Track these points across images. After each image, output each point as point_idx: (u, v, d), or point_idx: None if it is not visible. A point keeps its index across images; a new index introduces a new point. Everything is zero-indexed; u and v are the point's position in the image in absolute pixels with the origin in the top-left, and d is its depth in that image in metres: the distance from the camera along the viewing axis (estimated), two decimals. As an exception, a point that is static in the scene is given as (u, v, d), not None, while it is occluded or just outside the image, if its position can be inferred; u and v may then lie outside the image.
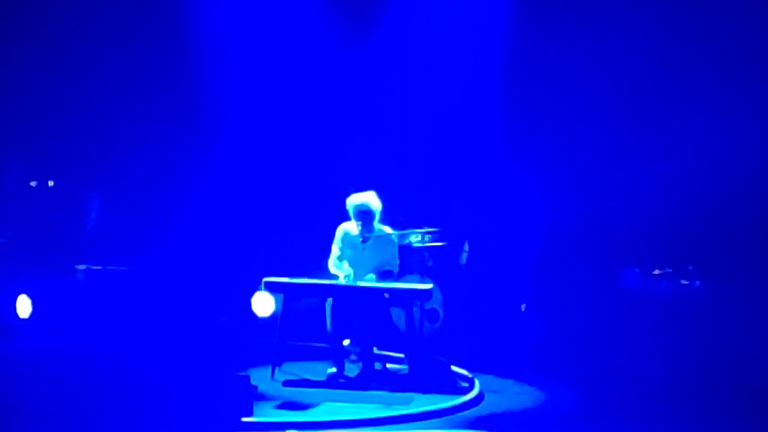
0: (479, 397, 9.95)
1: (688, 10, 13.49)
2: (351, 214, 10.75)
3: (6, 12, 13.84)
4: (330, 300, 10.71)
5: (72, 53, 14.02)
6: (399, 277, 11.17)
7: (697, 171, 13.38)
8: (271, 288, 10.85)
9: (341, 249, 10.86)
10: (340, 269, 10.79)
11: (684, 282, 13.82)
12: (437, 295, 12.33)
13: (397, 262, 10.94)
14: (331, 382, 10.51)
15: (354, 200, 10.77)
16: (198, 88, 14.32)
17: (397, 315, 11.64)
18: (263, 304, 12.21)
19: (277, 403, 9.62)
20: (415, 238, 13.16)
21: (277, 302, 11.27)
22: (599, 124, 13.87)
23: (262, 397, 9.68)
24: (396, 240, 11.09)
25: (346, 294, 10.57)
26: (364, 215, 10.69)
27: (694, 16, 13.47)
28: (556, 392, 10.26)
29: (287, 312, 10.82)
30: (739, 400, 9.68)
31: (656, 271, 13.97)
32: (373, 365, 10.74)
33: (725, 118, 13.37)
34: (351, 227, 10.87)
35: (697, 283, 13.79)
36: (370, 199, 10.77)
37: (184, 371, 9.50)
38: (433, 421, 9.19)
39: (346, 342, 10.90)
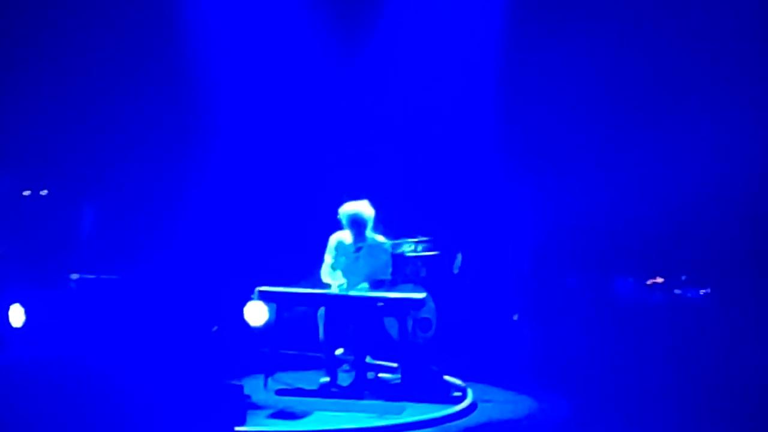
0: (472, 407, 9.94)
1: (684, 14, 13.51)
2: (344, 222, 10.75)
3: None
4: (322, 309, 10.71)
5: (66, 63, 14.02)
6: (392, 287, 11.16)
7: (692, 180, 13.39)
8: (265, 297, 10.85)
9: (334, 258, 10.86)
10: (333, 278, 10.79)
11: (677, 292, 13.82)
12: (430, 305, 12.33)
13: (390, 271, 10.94)
14: (324, 392, 10.50)
15: (347, 209, 10.77)
16: (192, 96, 14.32)
17: (390, 324, 11.63)
18: (256, 313, 12.16)
19: (270, 412, 9.61)
20: (408, 248, 13.17)
21: (270, 311, 11.25)
22: (592, 134, 13.88)
23: (255, 407, 9.67)
24: (389, 249, 11.09)
25: (339, 303, 10.57)
26: (357, 224, 10.70)
27: (691, 20, 13.49)
28: (549, 402, 10.26)
29: (280, 321, 10.81)
30: (733, 410, 9.68)
31: (650, 281, 13.97)
32: (366, 374, 10.73)
33: (719, 128, 13.39)
34: (344, 236, 10.87)
35: (691, 292, 13.79)
36: (363, 207, 10.77)
37: (177, 380, 9.47)
38: (426, 430, 9.18)
39: (339, 351, 10.90)
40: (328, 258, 10.89)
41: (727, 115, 13.36)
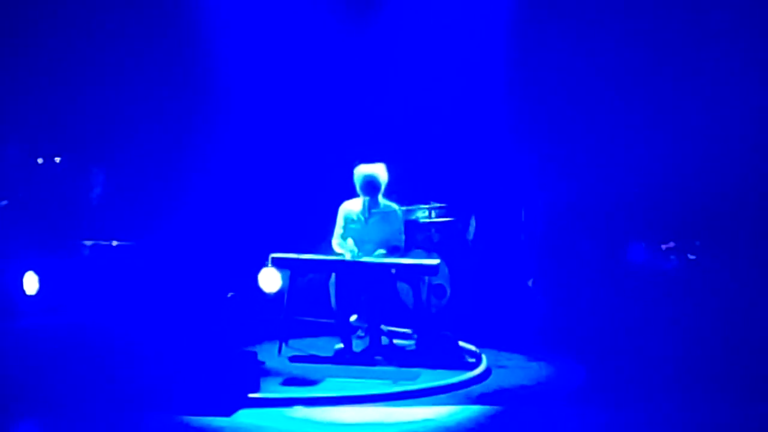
0: (486, 373, 9.95)
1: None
2: (357, 185, 10.69)
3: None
4: (333, 276, 10.68)
5: (80, 29, 13.99)
6: (406, 253, 11.14)
7: (706, 145, 13.34)
8: (279, 264, 10.84)
9: (344, 227, 10.81)
10: (343, 247, 10.74)
11: (691, 257, 13.79)
12: (444, 271, 12.31)
13: (403, 237, 10.89)
14: (338, 358, 10.51)
15: (362, 171, 10.72)
16: (205, 63, 14.28)
17: (405, 291, 11.63)
18: (270, 280, 12.20)
19: (284, 378, 9.63)
20: (422, 214, 13.13)
21: (284, 278, 11.25)
22: (606, 98, 13.82)
23: (269, 373, 9.69)
24: (401, 215, 11.03)
25: (353, 270, 10.54)
26: (371, 187, 10.64)
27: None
28: (564, 368, 10.26)
29: (294, 288, 10.81)
30: (748, 376, 9.66)
31: (664, 246, 13.93)
32: (380, 341, 10.73)
33: (733, 92, 13.32)
34: (353, 205, 10.82)
35: (705, 257, 13.75)
36: (378, 170, 10.72)
37: (191, 347, 9.50)
38: (441, 396, 9.19)
39: (353, 318, 10.89)
40: (339, 228, 10.85)
41: (741, 78, 13.29)
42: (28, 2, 13.92)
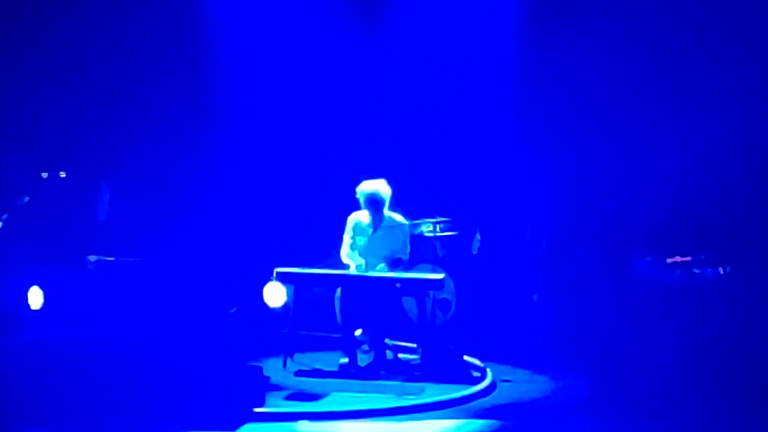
0: (491, 387, 9.94)
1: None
2: (361, 202, 10.73)
3: (15, 4, 13.89)
4: (339, 290, 10.69)
5: (84, 43, 14.03)
6: (411, 267, 11.14)
7: (712, 159, 13.31)
8: (283, 278, 10.84)
9: (353, 238, 10.85)
10: (352, 259, 10.77)
11: (697, 271, 13.76)
12: (449, 285, 12.31)
13: (408, 250, 10.90)
14: (343, 372, 10.50)
15: (364, 188, 10.75)
16: (209, 77, 14.30)
17: (409, 305, 11.62)
18: (275, 294, 12.18)
19: (289, 393, 9.62)
20: (426, 228, 13.14)
21: (288, 293, 11.25)
22: (610, 111, 13.81)
23: (275, 388, 9.68)
24: (407, 228, 11.04)
25: (358, 284, 10.55)
26: (374, 203, 10.67)
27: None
28: (569, 382, 10.24)
29: (299, 302, 10.81)
30: (753, 389, 9.64)
31: (670, 260, 13.91)
32: (385, 355, 10.73)
33: (739, 105, 13.30)
34: (362, 216, 10.85)
35: (710, 271, 13.72)
36: (380, 186, 10.74)
37: (196, 362, 9.50)
38: (446, 410, 9.18)
39: (357, 332, 10.89)
40: (347, 238, 10.88)
41: (750, 88, 13.27)
42: (36, 16, 13.96)
